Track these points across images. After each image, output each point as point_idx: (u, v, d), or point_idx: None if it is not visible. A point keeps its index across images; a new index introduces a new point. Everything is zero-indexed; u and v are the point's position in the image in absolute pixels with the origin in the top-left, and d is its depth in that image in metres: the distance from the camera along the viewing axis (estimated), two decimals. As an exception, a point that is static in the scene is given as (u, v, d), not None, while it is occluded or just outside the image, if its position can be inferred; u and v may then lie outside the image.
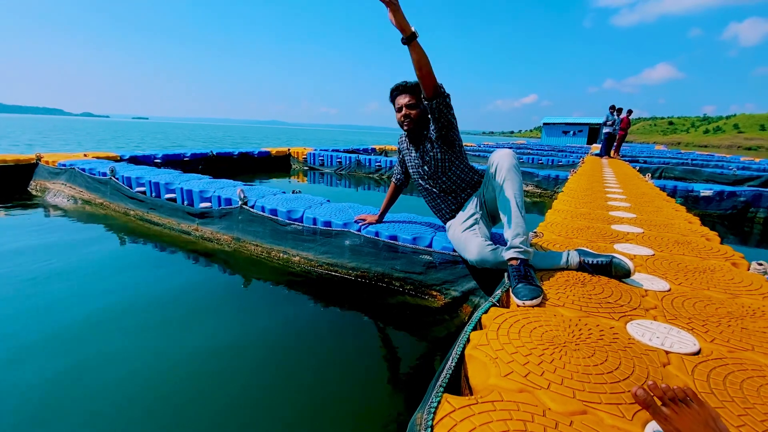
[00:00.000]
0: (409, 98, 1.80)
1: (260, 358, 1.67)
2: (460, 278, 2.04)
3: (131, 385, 1.43)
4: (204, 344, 1.73)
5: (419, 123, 1.84)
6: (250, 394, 1.42)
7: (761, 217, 4.91)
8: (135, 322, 1.89)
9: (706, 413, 0.66)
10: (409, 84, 1.80)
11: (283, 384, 1.49)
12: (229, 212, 2.99)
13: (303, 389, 1.46)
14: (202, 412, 1.32)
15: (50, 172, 4.89)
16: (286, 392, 1.45)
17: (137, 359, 1.59)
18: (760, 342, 1.08)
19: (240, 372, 1.55)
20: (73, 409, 1.31)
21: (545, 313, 1.19)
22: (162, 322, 1.90)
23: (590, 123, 30.44)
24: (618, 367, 0.93)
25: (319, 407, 1.38)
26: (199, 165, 6.85)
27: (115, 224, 3.55)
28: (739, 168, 8.41)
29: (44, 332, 1.75)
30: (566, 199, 3.28)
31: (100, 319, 1.89)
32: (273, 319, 2.01)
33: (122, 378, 1.47)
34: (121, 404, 1.34)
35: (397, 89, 1.82)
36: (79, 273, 2.42)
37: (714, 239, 2.16)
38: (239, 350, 1.71)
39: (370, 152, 10.75)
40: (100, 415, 1.29)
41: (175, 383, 1.46)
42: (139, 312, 1.98)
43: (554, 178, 6.38)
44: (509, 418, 0.76)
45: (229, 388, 1.44)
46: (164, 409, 1.33)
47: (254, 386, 1.47)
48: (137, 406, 1.34)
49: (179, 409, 1.33)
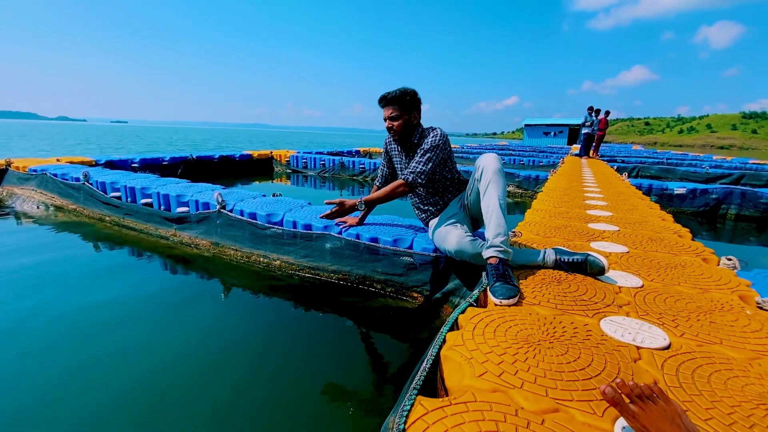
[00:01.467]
0: (392, 110, 1.86)
1: (238, 363, 1.63)
2: (440, 279, 2.04)
3: (102, 395, 1.38)
4: (181, 350, 1.68)
5: (404, 132, 1.91)
6: (226, 399, 1.38)
7: (732, 213, 5.09)
8: (109, 328, 1.82)
9: (672, 409, 0.67)
10: (391, 95, 1.84)
11: (260, 389, 1.46)
12: (206, 216, 2.93)
13: (281, 395, 1.43)
14: (179, 421, 1.28)
15: (20, 177, 4.71)
16: (263, 398, 1.42)
17: (108, 367, 1.54)
18: (727, 335, 1.11)
19: (217, 377, 1.51)
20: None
21: (521, 312, 1.20)
22: (137, 330, 1.84)
23: (570, 124, 31.10)
24: (590, 364, 0.94)
25: (297, 413, 1.35)
26: (178, 169, 6.71)
27: (89, 231, 3.43)
28: (711, 166, 8.70)
29: (15, 345, 1.67)
30: (545, 198, 3.33)
31: (72, 327, 1.82)
32: (252, 324, 1.97)
33: (87, 389, 1.41)
34: (87, 417, 1.29)
35: (382, 100, 1.88)
36: (48, 281, 2.33)
37: (686, 236, 2.22)
38: (216, 356, 1.66)
39: (354, 154, 10.72)
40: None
41: (151, 393, 1.42)
42: (113, 319, 1.91)
43: (535, 179, 6.48)
44: (482, 419, 0.75)
45: (205, 394, 1.40)
46: (141, 419, 1.29)
47: (230, 391, 1.43)
48: (110, 416, 1.29)
49: (157, 418, 1.29)
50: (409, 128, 1.91)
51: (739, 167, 8.80)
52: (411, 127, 1.91)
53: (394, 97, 1.84)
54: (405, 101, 1.85)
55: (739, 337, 1.10)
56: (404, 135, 1.92)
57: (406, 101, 1.85)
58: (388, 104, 1.86)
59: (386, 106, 1.87)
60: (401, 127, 1.88)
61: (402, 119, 1.86)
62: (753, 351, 1.03)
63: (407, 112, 1.87)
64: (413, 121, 1.91)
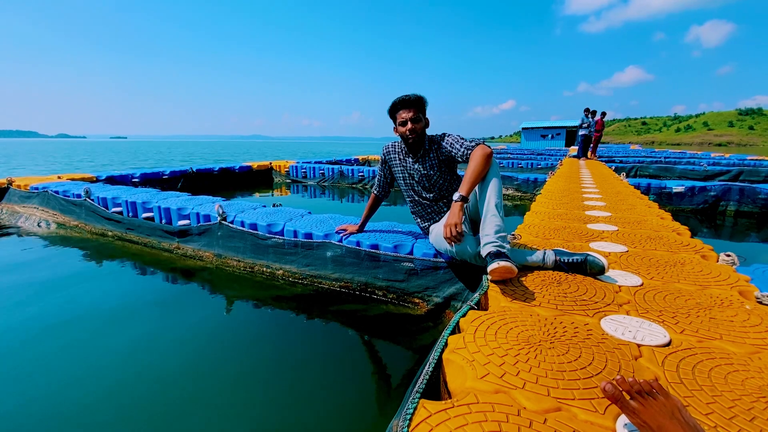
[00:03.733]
0: (413, 112, 1.83)
1: (243, 373, 1.63)
2: (441, 284, 2.05)
3: (108, 407, 1.38)
4: (185, 362, 1.69)
5: (422, 135, 1.89)
6: (231, 407, 1.39)
7: (732, 210, 5.09)
8: (112, 337, 1.83)
9: (671, 404, 0.68)
10: (411, 98, 1.82)
11: (267, 397, 1.46)
12: (208, 229, 2.94)
13: (287, 402, 1.44)
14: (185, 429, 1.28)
15: (21, 195, 4.75)
16: (270, 405, 1.42)
17: (115, 378, 1.54)
18: (727, 330, 1.12)
19: (222, 386, 1.52)
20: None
21: (522, 313, 1.21)
22: (146, 341, 1.85)
23: (567, 126, 31.21)
24: (591, 363, 0.95)
25: (302, 419, 1.35)
26: (178, 183, 6.75)
27: (91, 246, 3.45)
28: (709, 164, 8.72)
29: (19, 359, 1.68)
30: (544, 200, 3.35)
31: (80, 341, 1.83)
32: (256, 334, 1.98)
33: (92, 402, 1.42)
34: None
35: (401, 103, 1.84)
36: (50, 295, 2.34)
37: (684, 233, 2.23)
38: (221, 366, 1.67)
39: (353, 163, 10.77)
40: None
41: (155, 403, 1.42)
42: (117, 330, 1.92)
43: (533, 181, 6.51)
44: (484, 420, 0.76)
45: (211, 403, 1.41)
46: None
47: (235, 399, 1.44)
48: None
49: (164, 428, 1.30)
50: (425, 132, 1.91)
51: (737, 164, 8.82)
52: (425, 132, 1.91)
53: (414, 100, 1.82)
54: (423, 105, 1.85)
55: (739, 332, 1.11)
56: (422, 137, 1.90)
57: (423, 105, 1.85)
58: (409, 106, 1.82)
59: (406, 108, 1.83)
60: (422, 129, 1.87)
61: (422, 122, 1.86)
62: (753, 345, 1.04)
63: (425, 115, 1.88)
64: (427, 125, 1.92)
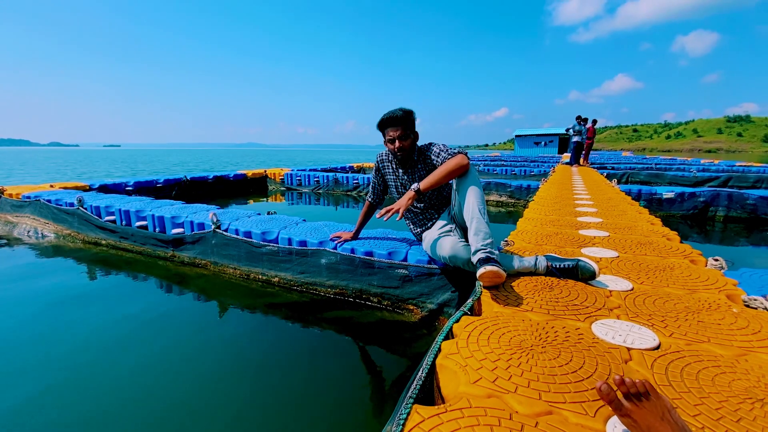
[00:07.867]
0: (401, 131, 1.85)
1: (237, 380, 1.62)
2: (435, 290, 2.06)
3: (97, 414, 1.37)
4: (180, 369, 1.68)
5: (411, 150, 1.92)
6: (226, 414, 1.38)
7: (721, 215, 5.17)
8: (110, 350, 1.81)
9: (662, 405, 0.69)
10: (399, 115, 1.84)
11: (261, 403, 1.46)
12: (202, 237, 2.94)
13: (282, 408, 1.43)
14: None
15: (13, 205, 4.70)
16: (262, 411, 1.41)
17: (107, 386, 1.53)
18: (715, 333, 1.14)
19: (216, 393, 1.51)
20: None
21: (514, 318, 1.22)
22: (139, 351, 1.83)
23: (560, 133, 31.52)
24: (582, 367, 0.96)
25: (296, 426, 1.35)
26: (172, 191, 6.72)
27: (84, 255, 3.42)
28: (699, 170, 8.86)
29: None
30: (536, 207, 3.38)
31: (77, 352, 1.81)
32: (250, 341, 1.97)
33: (87, 415, 1.40)
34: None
35: (388, 120, 1.86)
36: (37, 309, 2.31)
37: (674, 239, 2.27)
38: (215, 373, 1.66)
39: (348, 170, 10.80)
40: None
41: (150, 412, 1.41)
42: (113, 341, 1.91)
43: (526, 188, 6.56)
44: (477, 424, 0.77)
45: (205, 410, 1.40)
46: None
47: (230, 406, 1.43)
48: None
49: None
50: (413, 144, 1.94)
51: (726, 170, 8.96)
52: (414, 145, 1.94)
53: (401, 118, 1.84)
54: (411, 121, 1.87)
55: (726, 335, 1.13)
56: (410, 153, 1.93)
57: (411, 121, 1.87)
58: (396, 125, 1.85)
59: (393, 126, 1.85)
60: (410, 145, 1.89)
61: (410, 138, 1.89)
62: (739, 348, 1.06)
63: (413, 130, 1.90)
64: (416, 139, 1.94)
